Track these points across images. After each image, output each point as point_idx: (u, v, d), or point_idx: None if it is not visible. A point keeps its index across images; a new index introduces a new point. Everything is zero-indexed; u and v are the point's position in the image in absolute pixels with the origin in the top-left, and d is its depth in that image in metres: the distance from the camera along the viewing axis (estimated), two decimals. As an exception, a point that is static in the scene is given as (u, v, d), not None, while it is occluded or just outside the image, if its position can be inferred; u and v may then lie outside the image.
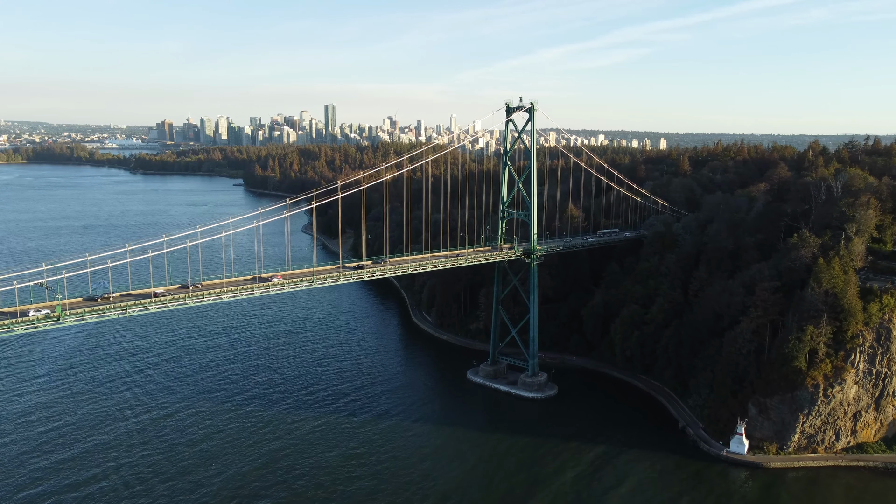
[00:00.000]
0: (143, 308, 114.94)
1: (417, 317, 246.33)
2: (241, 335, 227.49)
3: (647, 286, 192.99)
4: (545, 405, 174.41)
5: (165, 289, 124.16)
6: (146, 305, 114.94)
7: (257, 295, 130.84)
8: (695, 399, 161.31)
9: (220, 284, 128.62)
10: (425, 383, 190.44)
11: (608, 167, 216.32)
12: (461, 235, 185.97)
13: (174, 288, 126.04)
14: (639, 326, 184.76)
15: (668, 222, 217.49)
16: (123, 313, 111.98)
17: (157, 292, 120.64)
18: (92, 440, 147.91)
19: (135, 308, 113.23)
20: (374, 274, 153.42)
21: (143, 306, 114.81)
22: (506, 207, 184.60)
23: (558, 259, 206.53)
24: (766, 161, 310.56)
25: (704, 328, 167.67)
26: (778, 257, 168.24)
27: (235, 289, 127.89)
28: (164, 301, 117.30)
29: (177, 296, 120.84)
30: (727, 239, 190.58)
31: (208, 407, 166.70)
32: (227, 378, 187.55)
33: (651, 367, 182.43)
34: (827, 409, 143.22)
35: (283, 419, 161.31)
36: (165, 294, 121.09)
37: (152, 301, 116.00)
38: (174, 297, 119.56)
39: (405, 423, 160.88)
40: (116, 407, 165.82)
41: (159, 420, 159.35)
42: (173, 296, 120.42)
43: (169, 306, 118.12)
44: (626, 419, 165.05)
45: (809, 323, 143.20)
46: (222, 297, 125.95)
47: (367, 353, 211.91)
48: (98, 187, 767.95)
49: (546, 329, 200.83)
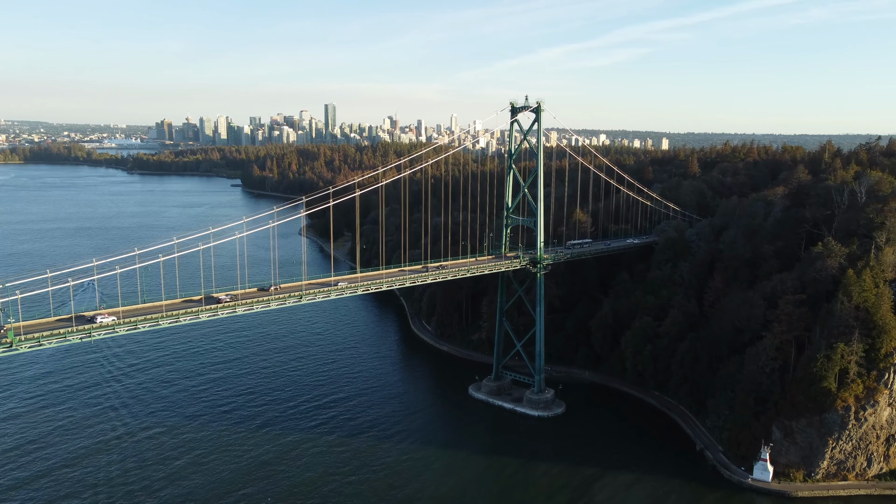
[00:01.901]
0: (111, 331, 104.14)
1: (417, 326, 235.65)
2: (227, 342, 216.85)
3: (659, 296, 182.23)
4: (552, 424, 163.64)
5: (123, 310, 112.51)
6: (113, 328, 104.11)
7: (203, 319, 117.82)
8: (713, 420, 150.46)
9: (160, 307, 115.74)
10: (424, 399, 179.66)
11: (617, 170, 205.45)
12: (463, 244, 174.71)
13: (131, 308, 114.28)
14: (651, 340, 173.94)
15: (681, 228, 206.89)
16: (87, 337, 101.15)
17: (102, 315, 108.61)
18: (72, 452, 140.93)
19: (100, 332, 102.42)
20: (370, 288, 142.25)
21: (111, 329, 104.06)
22: (510, 213, 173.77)
23: (565, 267, 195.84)
24: (777, 162, 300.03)
25: (723, 343, 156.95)
26: (801, 267, 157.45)
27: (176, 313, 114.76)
28: (135, 323, 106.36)
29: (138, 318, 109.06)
30: (744, 246, 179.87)
31: (179, 423, 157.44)
32: (210, 391, 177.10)
33: (665, 383, 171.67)
34: (858, 433, 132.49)
35: (266, 438, 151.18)
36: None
37: (120, 323, 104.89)
38: (132, 321, 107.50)
39: (401, 444, 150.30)
40: (100, 416, 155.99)
41: (141, 432, 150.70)
42: (125, 319, 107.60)
43: (140, 328, 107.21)
44: (640, 440, 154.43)
45: (839, 340, 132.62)
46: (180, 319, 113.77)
47: (363, 365, 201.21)
48: (93, 188, 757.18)
49: (552, 341, 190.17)
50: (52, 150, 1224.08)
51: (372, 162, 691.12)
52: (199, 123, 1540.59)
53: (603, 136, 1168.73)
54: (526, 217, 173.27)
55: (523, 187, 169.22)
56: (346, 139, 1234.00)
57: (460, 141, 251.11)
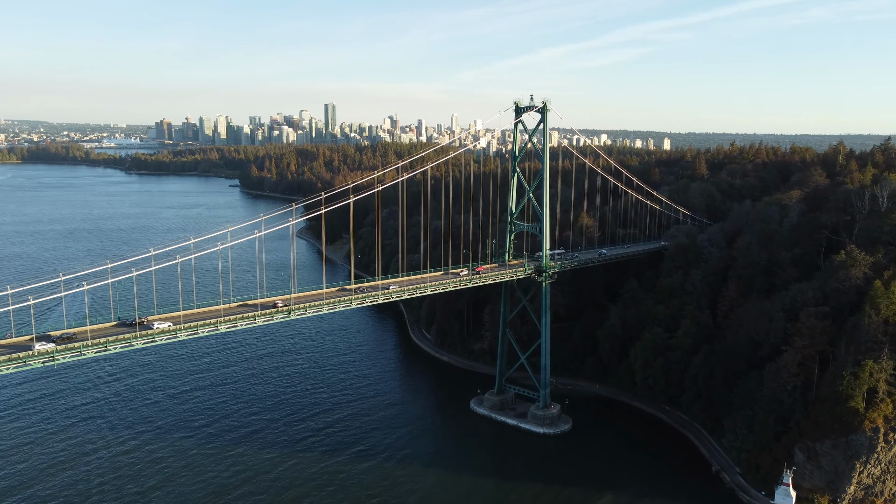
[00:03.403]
0: (77, 353, 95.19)
1: (416, 334, 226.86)
2: (215, 351, 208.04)
3: (670, 306, 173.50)
4: (558, 442, 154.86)
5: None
6: (80, 350, 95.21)
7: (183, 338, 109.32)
8: (730, 440, 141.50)
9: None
10: (422, 414, 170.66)
11: (626, 172, 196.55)
12: (465, 253, 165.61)
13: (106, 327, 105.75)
14: (662, 352, 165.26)
15: (692, 233, 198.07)
16: (50, 361, 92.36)
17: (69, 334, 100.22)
18: (51, 465, 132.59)
19: (65, 354, 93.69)
20: (365, 301, 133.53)
21: (77, 351, 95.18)
22: (514, 219, 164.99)
23: (570, 274, 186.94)
24: (786, 164, 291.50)
25: (740, 357, 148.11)
26: (822, 277, 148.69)
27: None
28: (104, 345, 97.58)
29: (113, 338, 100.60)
30: (759, 253, 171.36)
31: (157, 437, 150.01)
32: (197, 406, 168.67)
33: (677, 398, 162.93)
34: (888, 456, 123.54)
35: (254, 454, 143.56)
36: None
37: (87, 345, 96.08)
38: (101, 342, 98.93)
39: (396, 463, 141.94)
40: (84, 431, 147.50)
41: (127, 452, 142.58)
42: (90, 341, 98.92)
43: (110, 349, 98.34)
44: (651, 459, 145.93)
45: (867, 356, 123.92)
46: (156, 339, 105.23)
47: (359, 376, 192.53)
48: (90, 188, 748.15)
49: (557, 351, 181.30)
50: (49, 150, 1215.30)
51: (372, 162, 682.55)
52: (199, 123, 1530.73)
53: (604, 136, 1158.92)
54: (531, 223, 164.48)
55: (528, 191, 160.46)
56: (347, 139, 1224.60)
57: (461, 142, 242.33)
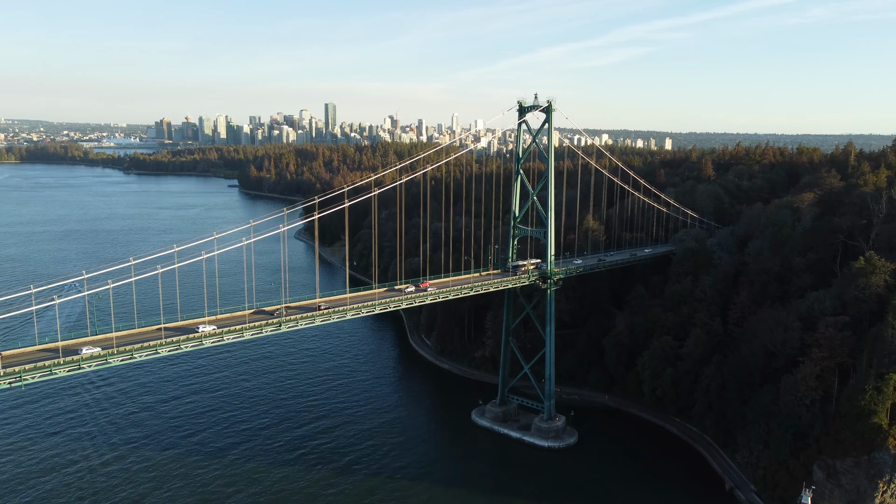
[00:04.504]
0: (48, 372, 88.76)
1: (416, 341, 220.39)
2: (205, 355, 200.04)
3: (679, 313, 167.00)
4: (564, 456, 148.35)
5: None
6: (51, 369, 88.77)
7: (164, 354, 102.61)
8: (744, 455, 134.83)
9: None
10: (421, 425, 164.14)
11: (633, 174, 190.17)
12: (466, 259, 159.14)
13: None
14: (672, 362, 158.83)
15: (701, 237, 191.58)
16: (17, 381, 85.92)
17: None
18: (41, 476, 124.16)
19: (33, 374, 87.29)
20: (361, 311, 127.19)
21: (48, 370, 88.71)
22: (517, 224, 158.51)
23: (575, 279, 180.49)
24: (794, 165, 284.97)
25: (754, 369, 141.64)
26: (840, 284, 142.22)
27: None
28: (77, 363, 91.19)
29: None
30: (772, 259, 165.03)
31: (146, 454, 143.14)
32: (184, 413, 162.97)
33: (687, 409, 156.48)
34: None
35: (241, 465, 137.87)
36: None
37: (60, 364, 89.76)
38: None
39: (393, 478, 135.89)
40: (73, 443, 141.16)
41: (108, 464, 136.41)
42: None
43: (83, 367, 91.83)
44: (662, 475, 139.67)
45: (890, 370, 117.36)
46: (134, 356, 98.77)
47: (355, 384, 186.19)
48: (87, 188, 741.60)
49: (562, 360, 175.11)
50: (48, 150, 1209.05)
51: (371, 162, 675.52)
52: (199, 123, 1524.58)
53: (605, 135, 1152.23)
54: (535, 227, 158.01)
55: (532, 195, 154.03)
56: (347, 139, 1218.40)
57: (462, 142, 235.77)
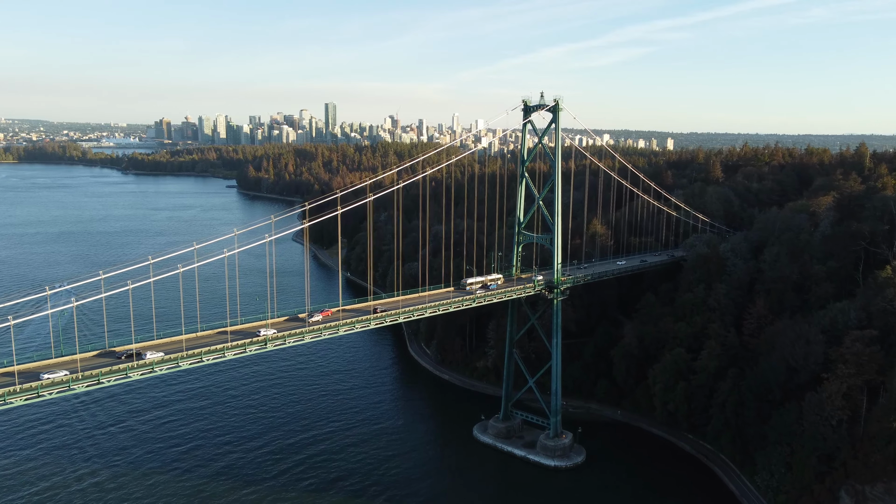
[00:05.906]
0: (35, 394, 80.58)
1: (415, 350, 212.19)
2: (196, 370, 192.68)
3: (692, 323, 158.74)
4: (571, 477, 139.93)
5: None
6: (38, 390, 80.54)
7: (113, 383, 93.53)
8: (764, 478, 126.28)
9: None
10: (420, 441, 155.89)
11: (643, 176, 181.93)
12: (468, 269, 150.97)
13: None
14: (685, 375, 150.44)
15: (713, 243, 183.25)
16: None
17: None
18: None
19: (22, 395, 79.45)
20: (355, 326, 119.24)
21: (35, 391, 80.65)
22: (522, 230, 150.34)
23: (582, 286, 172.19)
24: (805, 166, 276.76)
25: (774, 384, 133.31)
26: (865, 295, 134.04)
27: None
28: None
29: None
30: (790, 266, 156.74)
31: (132, 468, 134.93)
32: (174, 433, 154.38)
33: (701, 426, 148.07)
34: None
35: (224, 485, 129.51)
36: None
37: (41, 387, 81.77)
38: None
39: (389, 498, 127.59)
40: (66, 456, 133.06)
41: (98, 484, 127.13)
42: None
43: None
44: (675, 497, 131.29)
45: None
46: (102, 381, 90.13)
47: (352, 395, 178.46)
48: (84, 189, 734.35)
49: (568, 371, 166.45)
50: (46, 150, 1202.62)
51: (371, 163, 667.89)
52: (198, 122, 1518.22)
53: (606, 136, 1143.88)
54: (541, 234, 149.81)
55: (538, 198, 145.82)
56: (347, 139, 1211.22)
57: (463, 143, 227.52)
